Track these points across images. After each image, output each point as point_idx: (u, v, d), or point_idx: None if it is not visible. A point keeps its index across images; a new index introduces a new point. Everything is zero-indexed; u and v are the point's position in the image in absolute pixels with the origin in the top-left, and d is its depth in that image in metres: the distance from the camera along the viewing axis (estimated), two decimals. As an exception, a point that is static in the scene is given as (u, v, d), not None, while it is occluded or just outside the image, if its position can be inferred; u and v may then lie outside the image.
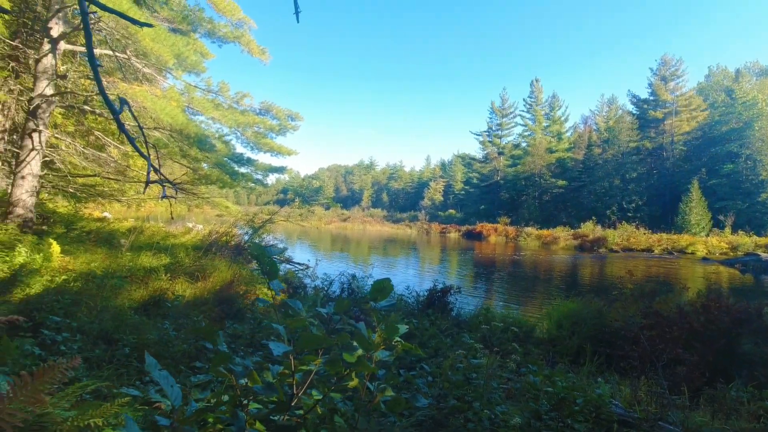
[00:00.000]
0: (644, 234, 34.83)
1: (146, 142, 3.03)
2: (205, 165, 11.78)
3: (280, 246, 14.13)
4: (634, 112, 51.62)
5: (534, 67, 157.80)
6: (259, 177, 13.25)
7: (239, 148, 12.58)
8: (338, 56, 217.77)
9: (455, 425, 2.85)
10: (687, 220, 37.01)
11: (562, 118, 60.00)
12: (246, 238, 12.08)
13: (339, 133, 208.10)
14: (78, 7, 7.98)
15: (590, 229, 37.73)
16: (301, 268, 12.48)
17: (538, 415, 3.08)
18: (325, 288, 8.74)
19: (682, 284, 13.24)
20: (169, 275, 6.91)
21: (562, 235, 36.92)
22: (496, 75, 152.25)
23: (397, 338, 1.51)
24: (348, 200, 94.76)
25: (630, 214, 42.60)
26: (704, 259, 26.80)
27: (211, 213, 16.98)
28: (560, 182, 52.26)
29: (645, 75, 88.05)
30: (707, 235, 34.09)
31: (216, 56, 11.35)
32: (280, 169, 13.69)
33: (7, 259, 5.95)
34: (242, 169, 12.49)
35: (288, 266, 12.63)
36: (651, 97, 49.47)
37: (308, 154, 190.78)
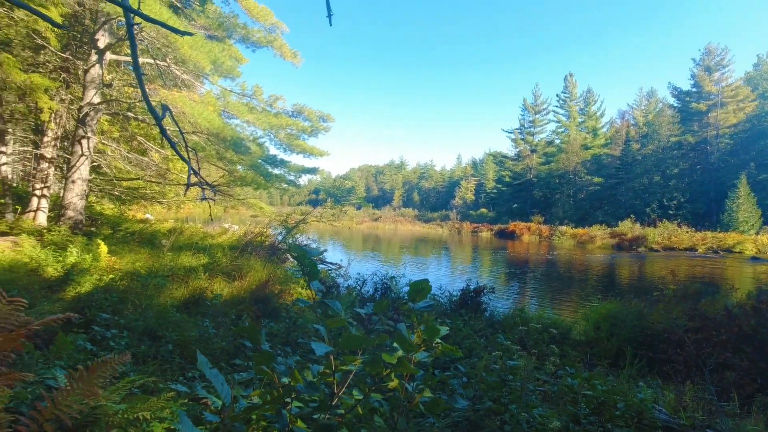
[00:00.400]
0: (687, 232, 33.30)
1: (186, 147, 3.16)
2: (240, 167, 12.11)
3: (313, 246, 14.34)
4: (676, 105, 49.41)
5: (568, 62, 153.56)
6: (292, 178, 13.50)
7: (272, 150, 12.87)
8: (369, 56, 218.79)
9: (491, 427, 2.82)
10: (734, 217, 35.11)
11: (598, 113, 58.14)
12: (280, 238, 12.33)
13: (369, 134, 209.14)
14: (123, 19, 8.39)
15: (628, 227, 36.32)
16: (334, 267, 12.63)
17: (577, 419, 3.01)
18: (359, 288, 8.81)
19: (730, 285, 12.60)
20: (207, 274, 7.15)
21: (599, 233, 35.79)
22: (529, 71, 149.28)
23: (437, 339, 1.52)
24: (379, 200, 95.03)
25: (671, 212, 40.84)
26: (754, 258, 25.38)
27: (246, 214, 17.43)
28: (596, 179, 50.67)
29: (687, 66, 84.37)
30: (757, 233, 32.29)
31: (250, 61, 11.64)
32: (312, 170, 13.89)
33: (61, 259, 6.32)
34: (276, 171, 12.76)
35: (321, 266, 12.81)
36: (694, 89, 47.17)
37: (339, 154, 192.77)
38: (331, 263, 13.35)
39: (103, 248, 7.08)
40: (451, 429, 2.88)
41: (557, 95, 59.97)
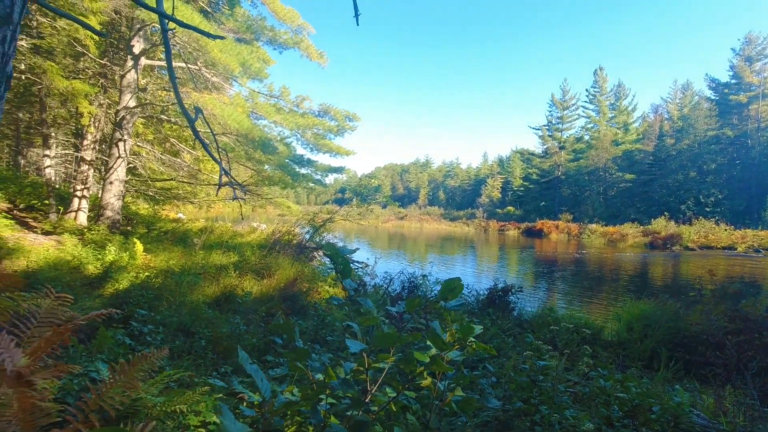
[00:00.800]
0: (725, 230, 31.90)
1: (218, 148, 3.24)
2: (268, 167, 12.33)
3: (340, 245, 14.45)
4: (713, 97, 47.45)
5: (598, 56, 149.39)
6: (319, 177, 13.65)
7: (299, 150, 13.03)
8: (394, 55, 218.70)
9: (521, 428, 2.79)
10: (777, 214, 33.48)
11: (629, 108, 56.33)
12: (307, 237, 12.48)
13: (395, 132, 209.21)
14: (157, 25, 8.66)
15: (662, 225, 35.01)
16: (361, 266, 12.69)
17: (610, 421, 2.94)
18: (386, 286, 8.84)
19: (773, 286, 12.00)
20: (237, 273, 7.31)
21: (631, 232, 34.68)
22: (557, 66, 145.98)
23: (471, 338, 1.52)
24: (405, 198, 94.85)
25: (708, 209, 39.23)
26: (799, 257, 24.12)
27: (274, 213, 17.70)
28: (627, 176, 49.13)
29: (725, 57, 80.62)
30: (802, 231, 30.64)
31: (277, 62, 11.81)
32: (338, 169, 14.00)
33: (100, 257, 6.59)
34: (302, 170, 12.92)
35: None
36: (733, 81, 45.19)
37: (365, 153, 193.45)
38: (358, 262, 13.43)
39: (139, 247, 7.33)
40: (481, 429, 2.86)
41: (586, 90, 58.55)
